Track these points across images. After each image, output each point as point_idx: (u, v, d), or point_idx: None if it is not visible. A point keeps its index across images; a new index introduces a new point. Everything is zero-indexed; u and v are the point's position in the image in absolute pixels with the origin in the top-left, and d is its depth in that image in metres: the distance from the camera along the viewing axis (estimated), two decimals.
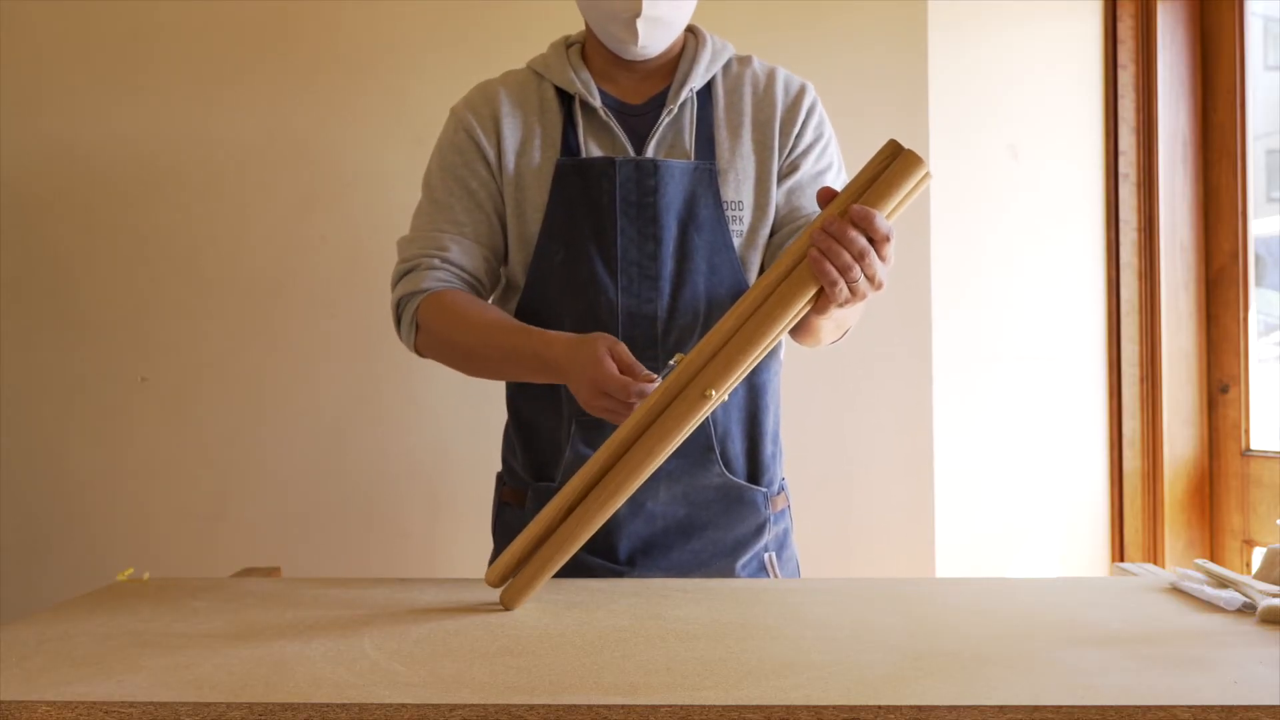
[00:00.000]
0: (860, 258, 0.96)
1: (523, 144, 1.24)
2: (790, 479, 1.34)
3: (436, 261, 1.22)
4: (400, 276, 1.25)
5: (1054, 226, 1.86)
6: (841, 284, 0.97)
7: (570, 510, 0.99)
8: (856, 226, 0.96)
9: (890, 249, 0.98)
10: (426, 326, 1.21)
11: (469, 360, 1.22)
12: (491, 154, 1.25)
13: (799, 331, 1.19)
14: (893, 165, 0.96)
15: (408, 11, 1.82)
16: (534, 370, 1.14)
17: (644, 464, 0.97)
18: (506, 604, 0.98)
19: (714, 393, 0.96)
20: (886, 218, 0.97)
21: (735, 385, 0.99)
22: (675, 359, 1.00)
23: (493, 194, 1.25)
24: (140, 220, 1.83)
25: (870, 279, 0.98)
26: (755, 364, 0.99)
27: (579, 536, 0.97)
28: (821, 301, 0.99)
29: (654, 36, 1.20)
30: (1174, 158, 1.83)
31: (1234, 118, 1.77)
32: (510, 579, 1.00)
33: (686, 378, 0.98)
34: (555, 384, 1.22)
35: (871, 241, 0.96)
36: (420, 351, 1.26)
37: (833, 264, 0.96)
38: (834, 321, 1.16)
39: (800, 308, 0.98)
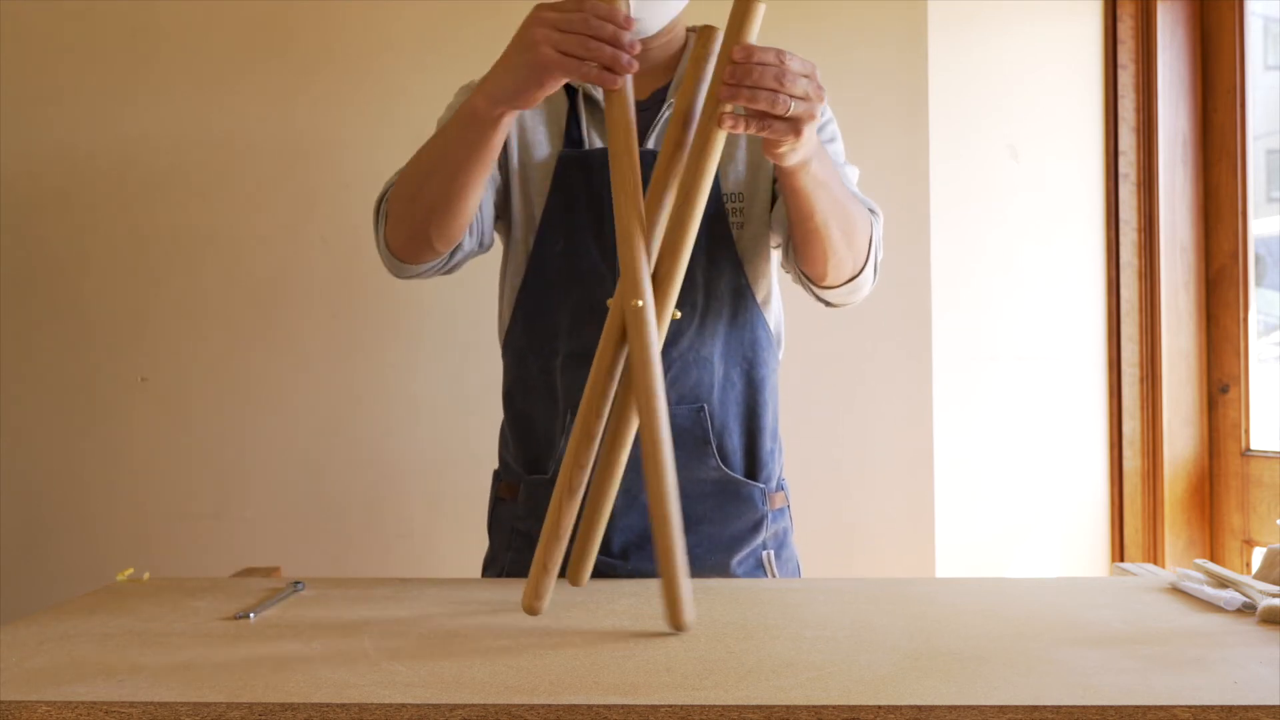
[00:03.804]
0: (774, 77, 0.90)
1: (530, 132, 1.24)
2: (790, 479, 1.33)
3: None
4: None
5: (1054, 226, 1.86)
6: (774, 99, 0.89)
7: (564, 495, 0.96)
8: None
9: (794, 64, 0.91)
10: (390, 206, 1.15)
11: (422, 191, 1.11)
12: None
13: (805, 255, 1.14)
14: (731, 18, 0.91)
15: (407, 11, 1.82)
16: (475, 118, 1.04)
17: (630, 395, 0.94)
18: (573, 581, 1.03)
19: (639, 304, 0.92)
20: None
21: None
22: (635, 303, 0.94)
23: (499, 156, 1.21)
24: (140, 221, 1.83)
25: (803, 98, 0.91)
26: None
27: (607, 491, 0.99)
28: (767, 143, 0.94)
29: (650, 7, 1.14)
30: (1174, 158, 1.83)
31: (1234, 118, 1.77)
32: (543, 583, 0.93)
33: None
34: (552, 376, 1.21)
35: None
36: (390, 241, 1.17)
37: (750, 89, 0.90)
38: (836, 220, 1.08)
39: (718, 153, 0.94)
